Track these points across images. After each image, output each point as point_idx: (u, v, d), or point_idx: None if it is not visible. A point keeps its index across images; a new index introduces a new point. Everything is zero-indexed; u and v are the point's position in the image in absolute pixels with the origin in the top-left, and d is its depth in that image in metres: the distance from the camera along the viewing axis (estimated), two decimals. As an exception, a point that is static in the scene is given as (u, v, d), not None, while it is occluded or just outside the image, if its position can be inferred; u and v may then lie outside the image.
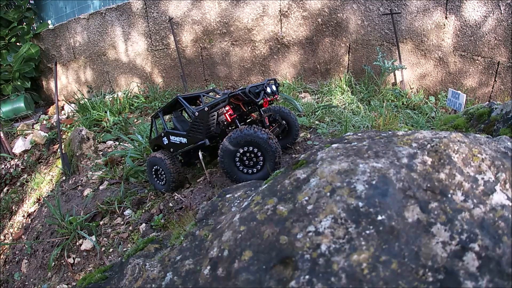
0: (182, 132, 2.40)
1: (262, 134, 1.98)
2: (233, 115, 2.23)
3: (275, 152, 1.99)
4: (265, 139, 1.97)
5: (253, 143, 2.00)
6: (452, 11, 3.87)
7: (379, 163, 0.99)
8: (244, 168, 2.09)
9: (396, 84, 4.27)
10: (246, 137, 2.00)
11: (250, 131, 1.99)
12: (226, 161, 2.09)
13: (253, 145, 2.01)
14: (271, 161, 2.01)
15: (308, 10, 4.38)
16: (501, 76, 3.84)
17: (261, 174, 2.05)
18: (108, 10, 5.05)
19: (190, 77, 5.08)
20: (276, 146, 1.99)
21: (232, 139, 2.03)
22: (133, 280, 1.18)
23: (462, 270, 0.77)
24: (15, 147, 4.44)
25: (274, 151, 1.99)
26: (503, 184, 0.94)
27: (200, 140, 2.27)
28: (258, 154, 2.03)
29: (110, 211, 2.71)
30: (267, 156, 2.01)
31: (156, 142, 2.65)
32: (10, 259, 3.09)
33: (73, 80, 5.78)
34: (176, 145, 2.46)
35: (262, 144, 1.98)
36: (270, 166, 2.02)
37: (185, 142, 2.40)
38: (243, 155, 2.06)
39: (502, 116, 1.68)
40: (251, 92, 2.15)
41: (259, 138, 1.97)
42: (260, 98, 2.17)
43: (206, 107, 2.17)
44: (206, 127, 2.22)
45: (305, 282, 0.80)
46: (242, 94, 2.14)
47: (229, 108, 2.23)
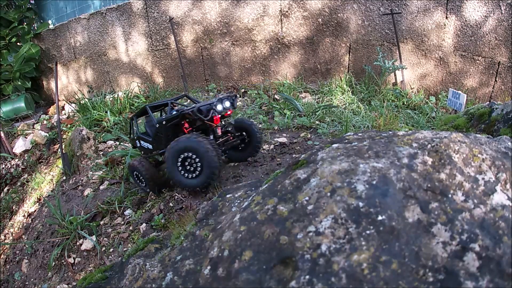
0: (149, 139, 2.56)
1: (201, 141, 2.08)
2: (188, 128, 2.39)
3: (212, 161, 2.08)
4: (203, 147, 2.07)
5: (192, 150, 2.12)
6: (453, 11, 3.87)
7: (379, 163, 0.99)
8: (185, 173, 2.21)
9: (396, 84, 4.27)
10: (186, 143, 2.13)
11: (189, 138, 2.13)
12: (169, 164, 2.23)
13: (192, 151, 2.13)
14: (208, 168, 2.10)
15: (309, 10, 4.38)
16: (502, 76, 3.84)
17: (198, 180, 2.18)
18: (108, 10, 5.05)
19: (190, 77, 5.08)
20: (212, 155, 2.07)
21: (175, 145, 2.18)
22: (134, 280, 1.18)
23: (462, 270, 0.77)
24: (16, 147, 4.44)
25: (211, 158, 2.07)
26: (503, 184, 0.94)
27: (161, 148, 2.45)
28: (197, 160, 2.14)
29: (110, 211, 2.71)
30: (204, 163, 2.11)
31: (133, 143, 2.84)
32: (10, 258, 3.10)
33: (74, 80, 5.78)
34: (145, 149, 2.65)
35: (200, 151, 2.09)
36: (206, 173, 2.12)
37: (151, 148, 2.57)
38: (184, 160, 2.18)
39: (502, 116, 1.68)
40: (200, 111, 2.29)
41: (197, 145, 2.08)
42: (209, 116, 2.29)
43: (164, 120, 2.35)
44: (165, 138, 2.41)
45: (305, 282, 0.80)
46: (191, 113, 2.28)
47: (185, 122, 2.39)
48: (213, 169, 2.09)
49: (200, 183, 2.18)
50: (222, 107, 2.36)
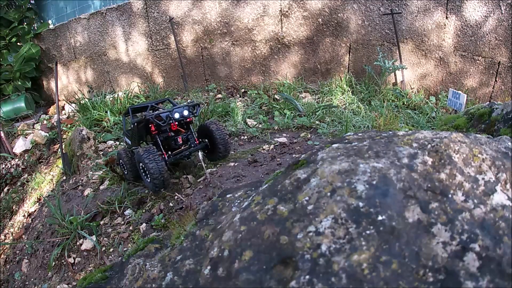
0: (129, 135, 2.84)
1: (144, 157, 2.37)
2: (155, 131, 2.62)
3: (152, 174, 2.36)
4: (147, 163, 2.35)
5: (142, 163, 2.42)
6: (453, 11, 3.87)
7: (379, 163, 0.99)
8: (147, 177, 2.48)
9: (396, 84, 4.27)
10: (137, 157, 2.45)
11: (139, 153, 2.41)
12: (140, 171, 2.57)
13: (140, 162, 2.45)
14: (151, 180, 2.40)
15: (309, 10, 4.38)
16: (502, 76, 3.84)
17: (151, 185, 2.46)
18: (108, 10, 5.05)
19: (190, 77, 5.08)
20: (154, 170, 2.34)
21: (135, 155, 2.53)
22: (134, 280, 1.18)
23: (462, 270, 0.77)
24: (16, 147, 4.44)
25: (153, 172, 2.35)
26: (503, 184, 0.94)
27: (135, 145, 2.77)
28: (144, 167, 2.43)
29: (110, 211, 2.71)
30: (148, 171, 2.39)
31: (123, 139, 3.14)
32: (10, 258, 3.10)
33: (74, 80, 5.78)
34: (128, 144, 2.92)
35: (146, 166, 2.38)
36: (152, 183, 2.42)
37: (129, 144, 2.86)
38: (143, 169, 2.48)
39: (502, 116, 1.68)
40: (159, 117, 2.54)
41: (143, 160, 2.36)
42: (166, 123, 2.53)
43: (135, 122, 2.61)
44: (137, 136, 2.73)
45: (305, 282, 0.80)
46: (151, 118, 2.50)
47: (152, 125, 2.60)
48: (155, 181, 2.38)
49: (152, 188, 2.48)
50: (180, 115, 2.57)
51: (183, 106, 2.61)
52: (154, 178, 2.37)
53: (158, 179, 2.37)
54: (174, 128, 2.61)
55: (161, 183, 2.41)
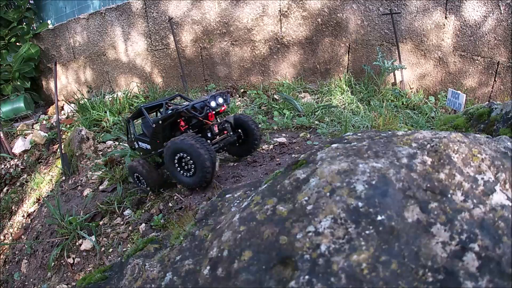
0: (146, 139, 2.58)
1: (193, 144, 2.11)
2: (184, 126, 2.42)
3: (203, 165, 2.11)
4: (195, 150, 2.11)
5: (185, 152, 2.17)
6: (452, 11, 3.87)
7: (379, 163, 0.99)
8: (181, 171, 2.27)
9: (396, 84, 4.27)
10: (179, 145, 2.18)
11: (183, 140, 2.16)
12: (167, 162, 2.30)
13: (185, 153, 2.18)
14: (200, 171, 2.15)
15: (308, 10, 4.38)
16: (501, 76, 3.84)
17: (193, 179, 2.24)
18: (108, 10, 5.04)
19: (190, 77, 5.08)
20: (205, 158, 2.09)
21: (170, 145, 2.24)
22: (133, 280, 1.18)
23: (462, 270, 0.77)
24: (15, 147, 4.44)
25: (203, 162, 2.10)
26: (503, 184, 0.94)
27: (159, 148, 2.47)
28: (190, 162, 2.18)
29: (109, 211, 2.71)
30: (197, 166, 2.15)
31: (131, 145, 2.84)
32: (10, 259, 3.09)
33: (73, 80, 5.77)
34: (144, 150, 2.66)
35: (192, 154, 2.13)
36: (199, 175, 2.17)
37: (149, 148, 2.59)
38: (180, 159, 2.23)
39: (502, 116, 1.68)
40: (195, 108, 2.34)
41: (190, 147, 2.12)
42: (204, 112, 2.34)
43: (160, 120, 2.38)
44: (162, 137, 2.45)
45: (305, 282, 0.80)
46: (186, 111, 2.32)
47: (181, 120, 2.41)
48: (205, 172, 2.13)
49: (195, 183, 2.24)
50: (216, 103, 2.38)
51: (217, 94, 2.42)
52: (204, 168, 2.11)
53: (209, 169, 2.12)
54: (211, 118, 2.42)
55: (211, 174, 2.16)
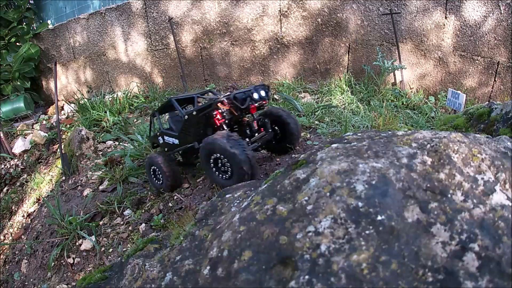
0: (174, 133, 2.41)
1: (227, 146, 1.90)
2: (221, 120, 2.19)
3: (240, 168, 1.89)
4: (232, 152, 1.89)
5: (221, 153, 1.97)
6: (452, 11, 3.87)
7: (378, 163, 0.99)
8: (219, 174, 2.07)
9: (396, 84, 4.27)
10: (214, 146, 1.97)
11: (217, 140, 1.95)
12: (203, 162, 2.11)
13: (221, 154, 1.98)
14: (237, 174, 1.93)
15: (308, 10, 4.38)
16: (501, 76, 3.84)
17: (231, 182, 1.98)
18: (107, 10, 5.04)
19: (190, 77, 5.08)
20: (241, 159, 1.88)
21: (205, 145, 2.04)
22: (133, 280, 1.18)
23: (462, 270, 0.77)
24: (15, 147, 4.44)
25: (239, 165, 1.89)
26: (503, 184, 0.94)
27: (190, 142, 2.31)
28: (227, 164, 1.98)
29: (109, 211, 2.71)
30: (234, 169, 1.95)
31: (153, 140, 2.70)
32: (10, 259, 3.09)
33: (73, 80, 5.77)
34: (169, 145, 2.50)
35: (229, 156, 1.93)
36: (236, 178, 1.94)
37: (177, 143, 2.42)
38: (215, 162, 2.05)
39: (502, 116, 1.68)
40: (236, 99, 2.13)
41: (225, 149, 1.91)
42: (246, 104, 2.14)
43: (195, 111, 2.18)
44: (195, 130, 2.25)
45: (304, 282, 0.80)
46: (227, 100, 2.11)
47: (217, 112, 2.18)
48: (242, 176, 1.91)
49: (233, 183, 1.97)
50: (258, 95, 2.19)
51: (259, 87, 2.22)
52: (242, 171, 1.90)
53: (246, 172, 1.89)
54: (253, 111, 2.21)
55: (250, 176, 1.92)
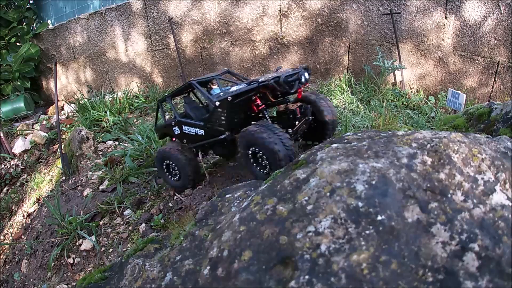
0: (198, 123, 2.10)
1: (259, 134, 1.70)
2: (261, 106, 1.93)
3: (277, 157, 1.68)
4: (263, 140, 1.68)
5: (259, 146, 1.75)
6: (452, 11, 3.87)
7: (379, 163, 0.99)
8: (259, 167, 1.84)
9: (396, 84, 4.27)
10: (251, 138, 1.76)
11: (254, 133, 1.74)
12: (243, 159, 1.90)
13: (257, 146, 1.77)
14: (274, 165, 1.70)
15: (308, 10, 4.38)
16: (501, 76, 3.84)
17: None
18: (108, 10, 5.04)
19: (190, 77, 5.07)
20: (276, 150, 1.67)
21: (243, 136, 1.83)
22: (133, 280, 1.18)
23: (462, 270, 0.77)
24: (15, 147, 4.44)
25: (275, 155, 1.68)
26: (503, 184, 0.94)
27: (221, 133, 2.01)
28: (265, 158, 1.76)
29: (110, 211, 2.71)
30: (272, 165, 1.72)
31: (165, 131, 2.42)
32: (10, 259, 3.09)
33: (73, 80, 5.78)
34: (191, 137, 2.18)
35: (267, 150, 1.71)
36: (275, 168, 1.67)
37: (202, 134, 2.10)
38: (254, 155, 1.83)
39: (502, 116, 1.68)
40: (287, 82, 1.86)
41: (264, 143, 1.69)
42: (294, 88, 1.89)
43: (230, 96, 1.88)
44: (228, 119, 1.94)
45: (305, 282, 0.80)
46: (275, 84, 1.83)
47: (256, 97, 1.90)
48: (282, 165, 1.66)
49: None
50: (305, 78, 1.95)
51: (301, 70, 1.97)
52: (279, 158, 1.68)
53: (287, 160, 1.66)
54: (299, 95, 1.98)
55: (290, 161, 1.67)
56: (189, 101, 2.40)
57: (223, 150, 2.33)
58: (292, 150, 1.70)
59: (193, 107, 2.32)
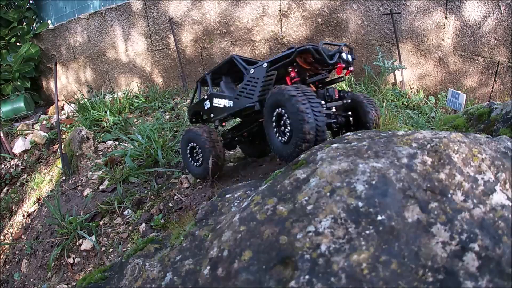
0: (229, 95, 2.05)
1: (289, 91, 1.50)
2: (295, 79, 1.76)
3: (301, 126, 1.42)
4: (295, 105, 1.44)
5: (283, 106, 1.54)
6: (452, 11, 3.87)
7: (379, 163, 0.99)
8: (279, 135, 1.64)
9: (396, 84, 4.27)
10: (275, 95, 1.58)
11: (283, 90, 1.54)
12: (265, 121, 1.72)
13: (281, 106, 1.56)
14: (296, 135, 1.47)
15: (308, 10, 4.38)
16: (501, 76, 3.84)
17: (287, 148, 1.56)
18: (108, 10, 5.05)
19: (190, 77, 5.08)
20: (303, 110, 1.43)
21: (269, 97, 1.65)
22: (133, 280, 1.18)
23: (462, 270, 0.77)
24: (15, 147, 4.44)
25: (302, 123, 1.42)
26: (503, 184, 0.94)
27: (249, 102, 1.87)
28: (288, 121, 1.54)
29: (110, 211, 2.71)
30: (293, 128, 1.48)
31: (196, 108, 2.41)
32: (10, 259, 3.09)
33: (73, 80, 5.78)
34: (218, 109, 2.11)
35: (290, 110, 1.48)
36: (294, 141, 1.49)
37: (230, 106, 2.02)
38: (278, 119, 1.63)
39: (502, 116, 1.68)
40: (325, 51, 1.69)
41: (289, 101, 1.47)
42: (334, 59, 1.70)
43: (265, 63, 1.80)
44: (260, 88, 1.81)
45: (305, 282, 0.80)
46: (313, 50, 1.66)
47: (292, 69, 1.76)
48: (301, 139, 1.44)
49: (287, 153, 1.55)
50: (346, 57, 1.77)
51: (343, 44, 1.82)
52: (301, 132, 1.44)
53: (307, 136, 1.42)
54: (339, 72, 1.77)
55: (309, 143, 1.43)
56: (226, 80, 2.35)
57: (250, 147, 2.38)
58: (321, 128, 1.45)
59: (228, 87, 2.27)
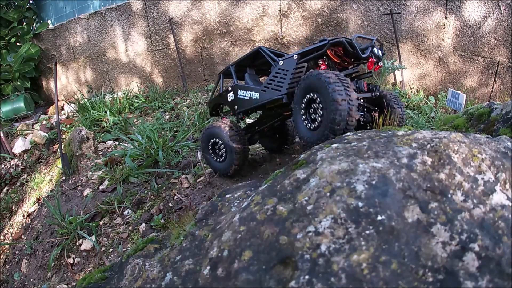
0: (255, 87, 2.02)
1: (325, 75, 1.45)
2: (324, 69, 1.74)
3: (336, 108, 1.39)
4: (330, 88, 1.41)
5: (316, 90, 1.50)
6: (452, 11, 3.87)
7: (379, 163, 0.99)
8: (307, 122, 1.61)
9: (396, 84, 4.27)
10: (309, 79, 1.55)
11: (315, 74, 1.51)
12: (294, 106, 1.69)
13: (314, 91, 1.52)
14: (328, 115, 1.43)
15: (308, 10, 4.38)
16: (501, 76, 3.84)
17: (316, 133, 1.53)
18: (108, 10, 5.05)
19: (190, 77, 5.08)
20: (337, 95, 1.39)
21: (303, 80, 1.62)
22: (133, 280, 1.18)
23: (462, 270, 0.77)
24: (15, 147, 4.44)
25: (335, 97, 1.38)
26: (503, 184, 0.94)
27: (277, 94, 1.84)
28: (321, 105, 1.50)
29: (109, 211, 2.71)
30: (326, 105, 1.44)
31: (217, 101, 2.35)
32: (10, 259, 3.09)
33: (73, 80, 5.78)
34: (243, 102, 2.07)
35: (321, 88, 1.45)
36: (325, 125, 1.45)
37: (256, 98, 1.99)
38: (308, 104, 1.60)
39: (502, 116, 1.68)
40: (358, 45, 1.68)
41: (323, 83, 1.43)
42: (366, 53, 1.71)
43: (296, 54, 1.78)
44: (290, 80, 1.79)
45: (305, 282, 0.80)
46: (346, 43, 1.67)
47: (322, 62, 1.75)
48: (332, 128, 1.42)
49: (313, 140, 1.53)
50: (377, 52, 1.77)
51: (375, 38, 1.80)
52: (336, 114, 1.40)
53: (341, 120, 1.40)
54: (370, 67, 1.76)
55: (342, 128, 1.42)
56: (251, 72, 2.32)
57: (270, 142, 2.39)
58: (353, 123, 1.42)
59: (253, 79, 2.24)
